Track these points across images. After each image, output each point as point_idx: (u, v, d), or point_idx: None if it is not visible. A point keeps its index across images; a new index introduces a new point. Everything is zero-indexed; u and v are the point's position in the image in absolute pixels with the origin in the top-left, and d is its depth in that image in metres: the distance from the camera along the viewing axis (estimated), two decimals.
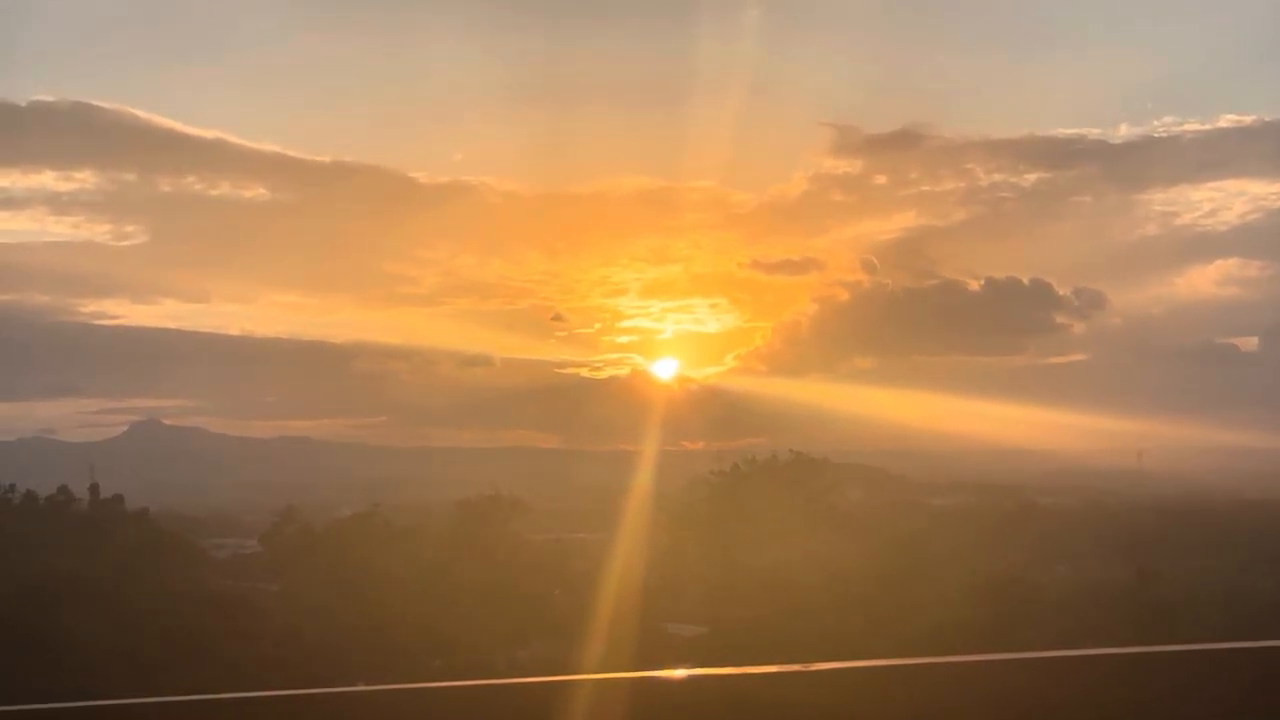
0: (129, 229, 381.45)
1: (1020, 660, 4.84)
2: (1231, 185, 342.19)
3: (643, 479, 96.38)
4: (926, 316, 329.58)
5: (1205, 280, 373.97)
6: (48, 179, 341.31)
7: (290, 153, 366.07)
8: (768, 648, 58.43)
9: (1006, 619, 63.42)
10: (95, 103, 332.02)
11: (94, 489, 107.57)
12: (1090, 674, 4.80)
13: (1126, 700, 4.79)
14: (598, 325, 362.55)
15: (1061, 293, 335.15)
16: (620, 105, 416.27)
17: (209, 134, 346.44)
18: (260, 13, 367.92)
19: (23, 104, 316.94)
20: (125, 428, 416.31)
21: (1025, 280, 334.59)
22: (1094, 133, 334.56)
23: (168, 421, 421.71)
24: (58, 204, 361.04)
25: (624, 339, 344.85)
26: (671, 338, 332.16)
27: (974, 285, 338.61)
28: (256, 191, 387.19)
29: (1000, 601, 66.79)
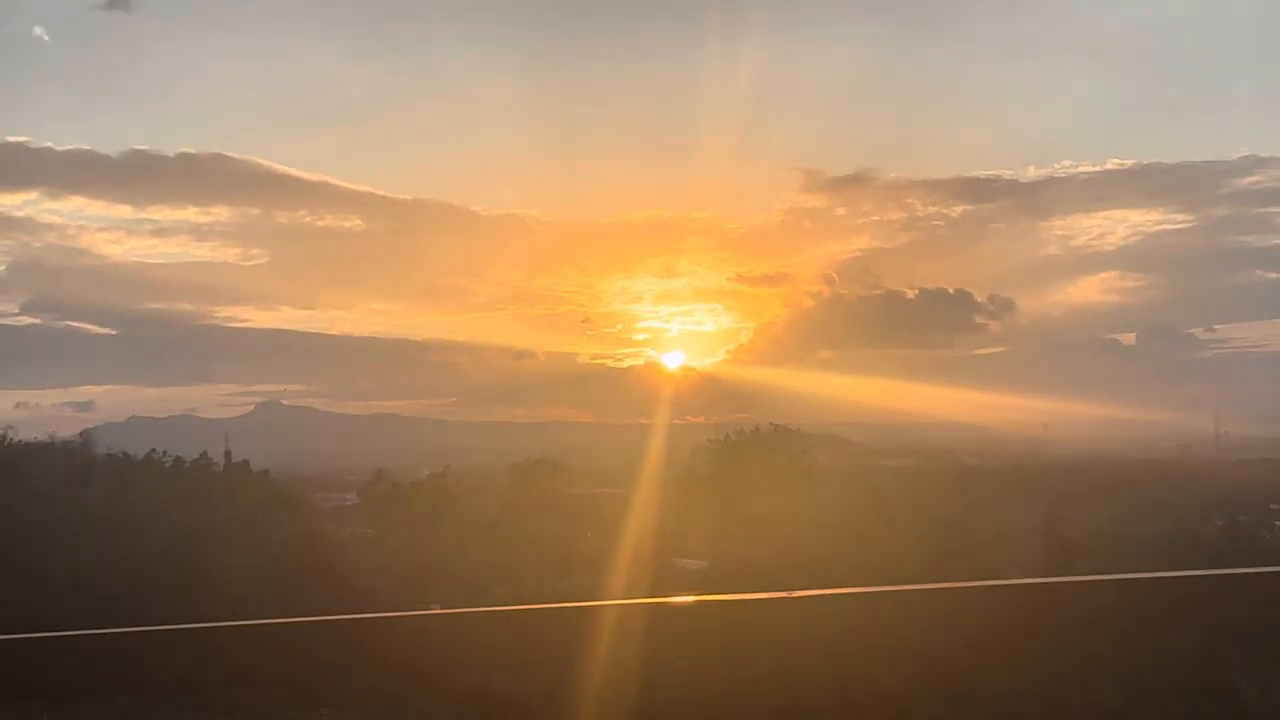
0: (254, 252, 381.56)
1: (975, 588, 4.61)
2: (1116, 214, 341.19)
3: (656, 446, 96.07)
4: (875, 319, 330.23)
5: (1094, 289, 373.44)
6: (190, 213, 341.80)
7: (380, 191, 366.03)
8: (758, 578, 58.20)
9: (945, 552, 63.12)
10: (227, 154, 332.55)
11: (228, 455, 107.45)
12: (1033, 600, 4.58)
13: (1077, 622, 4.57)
14: (619, 326, 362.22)
15: (979, 299, 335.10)
16: (639, 154, 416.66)
17: (316, 177, 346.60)
18: (355, 84, 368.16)
19: (171, 154, 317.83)
20: (252, 407, 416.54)
21: (951, 290, 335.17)
22: (1008, 173, 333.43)
23: (286, 402, 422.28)
24: (198, 233, 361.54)
25: (640, 336, 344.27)
26: (677, 335, 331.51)
27: (910, 294, 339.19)
28: (354, 222, 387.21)
29: (941, 539, 66.48)
